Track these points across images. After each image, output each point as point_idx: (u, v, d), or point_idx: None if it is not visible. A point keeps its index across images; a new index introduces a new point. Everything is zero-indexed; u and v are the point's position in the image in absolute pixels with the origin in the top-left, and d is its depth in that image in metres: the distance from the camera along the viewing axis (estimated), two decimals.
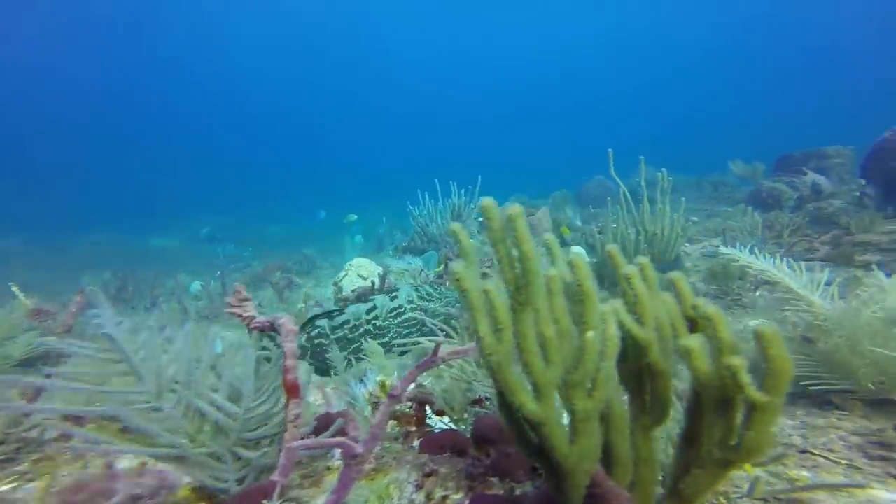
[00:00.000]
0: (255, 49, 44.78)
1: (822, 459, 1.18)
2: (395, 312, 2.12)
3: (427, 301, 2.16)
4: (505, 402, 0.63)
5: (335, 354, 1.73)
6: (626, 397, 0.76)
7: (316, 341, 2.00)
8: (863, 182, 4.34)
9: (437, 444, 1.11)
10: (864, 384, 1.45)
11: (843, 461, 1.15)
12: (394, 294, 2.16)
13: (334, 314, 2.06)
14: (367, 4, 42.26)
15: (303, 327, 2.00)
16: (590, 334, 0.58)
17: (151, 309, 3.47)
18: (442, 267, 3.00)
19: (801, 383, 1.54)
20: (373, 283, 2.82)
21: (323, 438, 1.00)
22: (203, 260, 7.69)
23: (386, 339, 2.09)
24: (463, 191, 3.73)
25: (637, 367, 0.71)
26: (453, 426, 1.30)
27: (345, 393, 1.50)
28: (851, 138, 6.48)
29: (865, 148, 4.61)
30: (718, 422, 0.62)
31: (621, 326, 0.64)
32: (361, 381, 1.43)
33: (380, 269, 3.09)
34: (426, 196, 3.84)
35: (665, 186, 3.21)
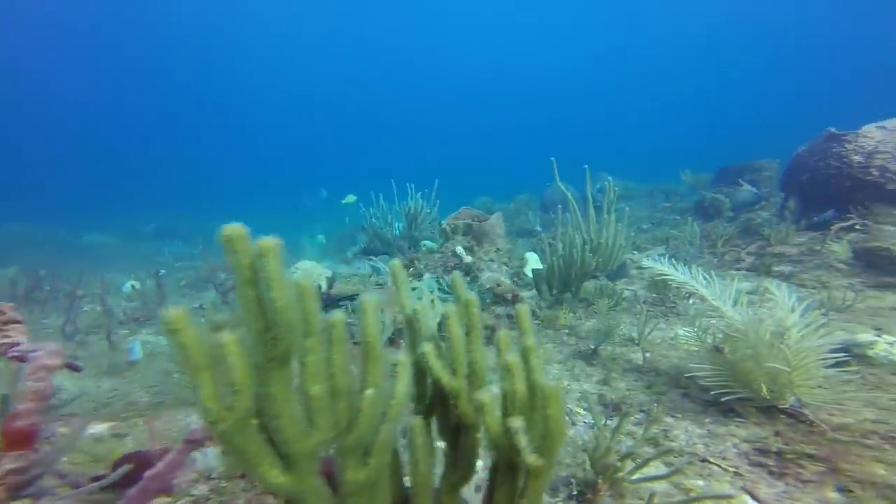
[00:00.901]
0: (217, 42, 42.27)
1: (716, 468, 1.27)
2: None
3: (447, 293, 2.22)
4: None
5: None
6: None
7: None
8: (782, 194, 4.73)
9: None
10: (761, 393, 1.56)
11: (732, 469, 1.24)
12: (414, 285, 2.21)
13: (356, 297, 2.12)
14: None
15: (328, 308, 2.05)
16: (368, 392, 0.50)
17: (70, 311, 3.15)
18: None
19: (712, 392, 1.65)
20: (319, 286, 2.72)
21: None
22: (145, 258, 7.13)
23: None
24: (420, 194, 3.70)
25: (455, 418, 0.64)
26: None
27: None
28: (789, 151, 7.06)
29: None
30: (504, 484, 0.57)
31: (431, 374, 0.57)
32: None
33: (327, 273, 2.99)
34: (380, 198, 3.77)
35: (612, 197, 3.35)
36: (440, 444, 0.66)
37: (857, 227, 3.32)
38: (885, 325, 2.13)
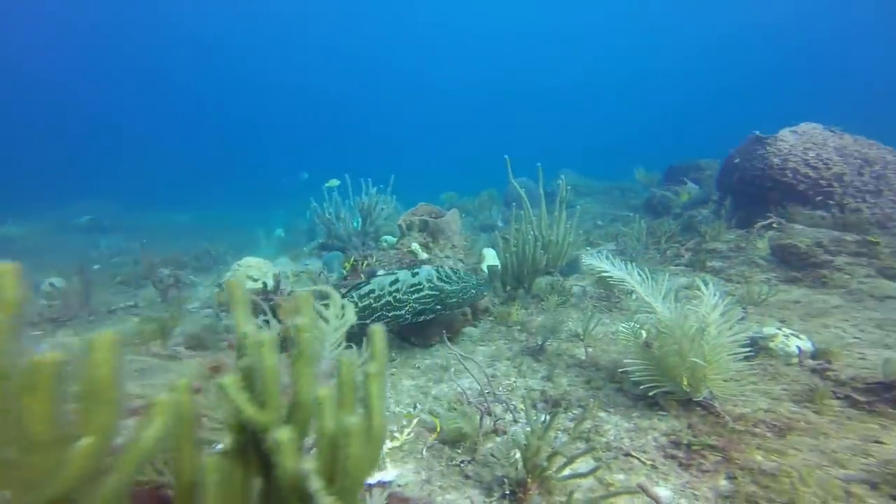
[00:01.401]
0: (193, 26, 38.54)
1: (636, 462, 1.36)
2: (414, 288, 2.29)
3: (444, 283, 2.32)
4: None
5: None
6: None
7: None
8: (717, 193, 5.11)
9: None
10: (683, 386, 1.69)
11: (649, 462, 1.34)
12: (415, 271, 2.33)
13: (361, 285, 2.31)
14: None
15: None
16: (81, 443, 0.41)
17: None
18: (348, 269, 2.87)
19: (641, 387, 1.76)
20: (265, 284, 2.61)
21: None
22: (75, 253, 6.48)
23: (401, 312, 2.29)
24: (375, 189, 3.61)
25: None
26: None
27: None
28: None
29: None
30: None
31: (233, 406, 0.49)
32: None
33: (276, 270, 2.87)
34: (335, 193, 3.64)
35: (563, 195, 3.45)
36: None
37: (775, 225, 3.66)
38: (789, 318, 2.38)
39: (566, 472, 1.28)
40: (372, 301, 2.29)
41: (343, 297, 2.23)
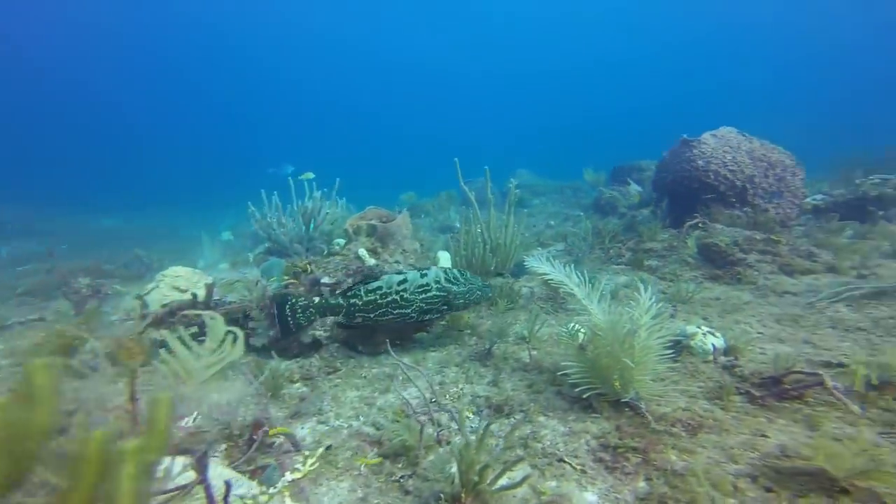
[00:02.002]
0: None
1: (568, 467, 1.41)
2: (422, 289, 2.36)
3: (452, 284, 2.41)
4: None
5: None
6: None
7: (351, 300, 2.37)
8: (655, 194, 5.48)
9: None
10: (615, 388, 1.77)
11: (580, 467, 1.39)
12: (424, 272, 2.41)
13: (369, 280, 2.40)
14: None
15: (343, 290, 2.37)
16: None
17: None
18: (287, 278, 2.71)
19: (576, 389, 1.83)
20: (194, 295, 2.41)
21: None
22: None
23: (408, 311, 2.37)
24: (319, 193, 3.45)
25: None
26: None
27: None
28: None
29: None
30: None
31: None
32: None
33: (208, 279, 2.65)
34: (274, 197, 3.43)
35: (512, 199, 3.52)
36: None
37: (700, 225, 4.00)
38: (710, 315, 2.61)
39: (501, 482, 1.30)
40: (378, 297, 2.36)
41: (349, 290, 2.38)
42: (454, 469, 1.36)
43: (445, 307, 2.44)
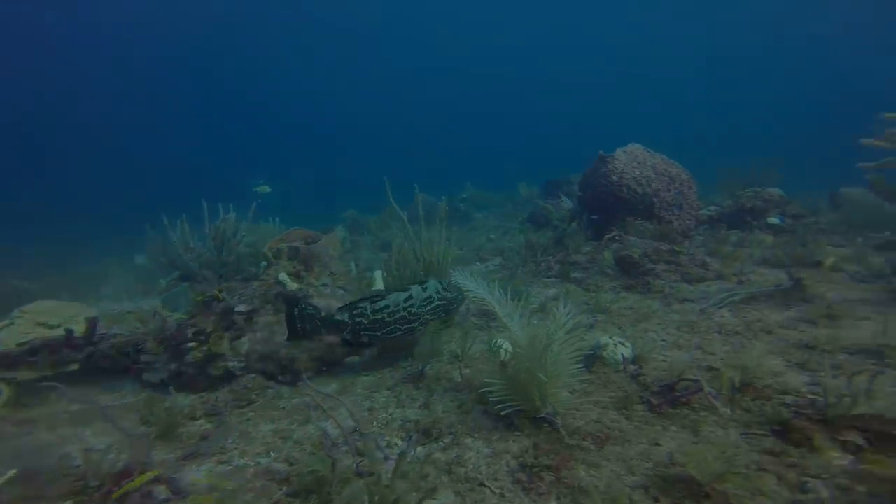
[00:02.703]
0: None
1: (488, 491, 1.40)
2: (426, 301, 2.51)
3: (447, 292, 2.62)
4: None
5: None
6: None
7: (357, 319, 2.42)
8: (578, 208, 5.92)
9: None
10: (534, 403, 1.82)
11: (499, 490, 1.39)
12: (425, 286, 2.56)
13: (376, 299, 2.44)
14: None
15: (348, 307, 2.42)
16: None
17: None
18: (197, 308, 2.42)
19: (496, 407, 1.84)
20: (69, 331, 2.05)
21: None
22: None
23: (415, 325, 2.48)
24: (234, 214, 3.17)
25: None
26: None
27: None
28: None
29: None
30: None
31: None
32: None
33: (90, 313, 2.29)
34: (184, 219, 3.09)
35: (442, 215, 3.56)
36: None
37: (616, 237, 4.39)
38: (624, 324, 2.84)
39: None
40: (385, 316, 2.43)
41: (355, 307, 2.42)
42: None
43: (443, 314, 2.64)
